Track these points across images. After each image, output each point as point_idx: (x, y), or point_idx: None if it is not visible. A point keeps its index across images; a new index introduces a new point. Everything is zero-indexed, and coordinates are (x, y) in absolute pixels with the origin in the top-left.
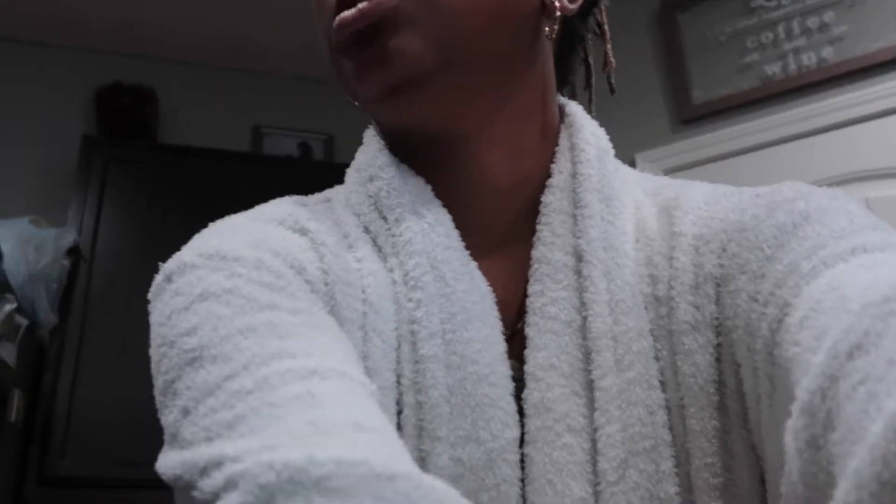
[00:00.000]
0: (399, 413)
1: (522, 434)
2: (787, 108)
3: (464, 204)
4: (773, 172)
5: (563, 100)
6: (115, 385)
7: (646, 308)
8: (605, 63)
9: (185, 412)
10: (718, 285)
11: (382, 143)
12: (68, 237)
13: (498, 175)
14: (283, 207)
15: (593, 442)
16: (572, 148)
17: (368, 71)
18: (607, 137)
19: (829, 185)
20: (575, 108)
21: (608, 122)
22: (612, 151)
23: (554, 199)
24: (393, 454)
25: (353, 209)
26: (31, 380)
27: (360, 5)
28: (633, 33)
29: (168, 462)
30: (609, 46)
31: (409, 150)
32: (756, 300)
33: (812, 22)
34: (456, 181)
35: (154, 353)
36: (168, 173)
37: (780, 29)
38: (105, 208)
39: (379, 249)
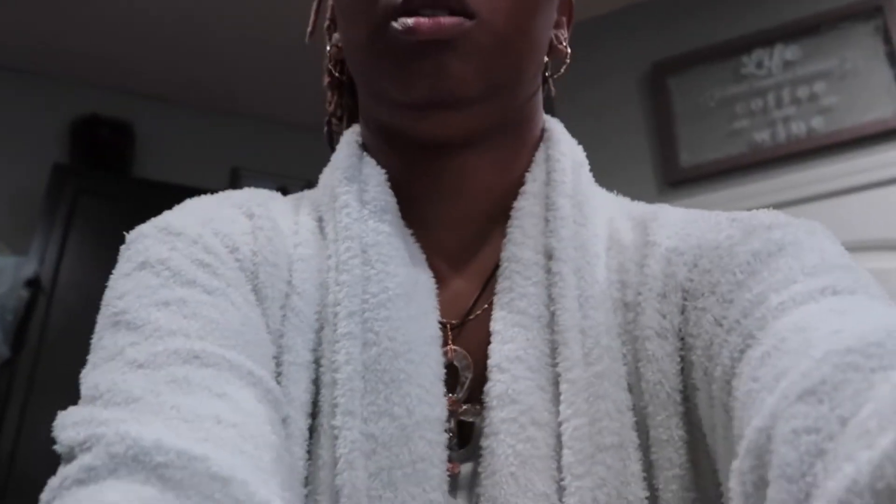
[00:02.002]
0: (318, 395)
1: (472, 422)
2: (776, 176)
3: (435, 203)
4: None
5: (545, 116)
6: None
7: (614, 312)
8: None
9: (92, 367)
10: (685, 298)
11: (359, 138)
12: (29, 267)
13: (480, 182)
14: (248, 193)
15: (558, 437)
16: (548, 158)
17: (421, 81)
18: (584, 153)
19: None
20: (554, 124)
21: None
22: (587, 165)
23: (527, 204)
24: (240, 456)
25: (313, 201)
26: None
27: (442, 19)
28: (623, 96)
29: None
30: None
31: (393, 147)
32: (721, 325)
33: (802, 91)
34: (437, 182)
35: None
36: (141, 208)
37: (770, 97)
38: (71, 240)
39: (324, 237)
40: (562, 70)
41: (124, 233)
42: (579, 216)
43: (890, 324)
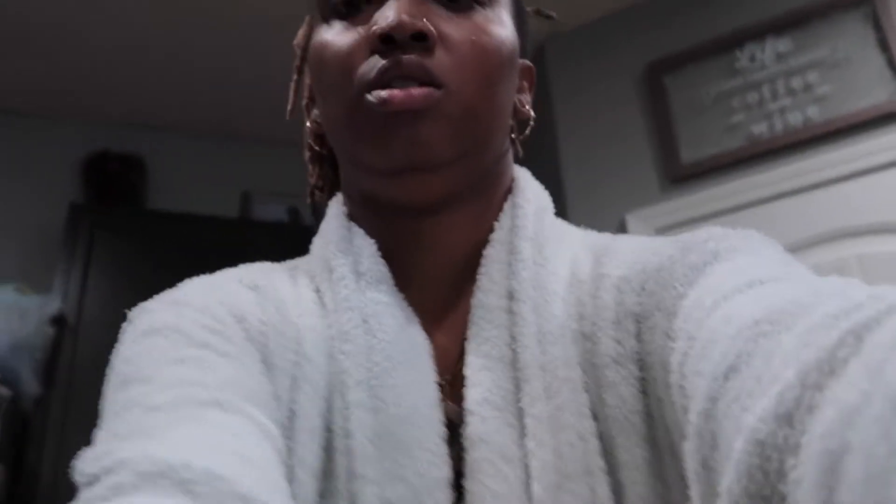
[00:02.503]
0: (331, 460)
1: (461, 469)
2: (776, 167)
3: (417, 264)
4: (764, 229)
5: (514, 166)
6: None
7: (574, 343)
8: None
9: (104, 426)
10: (638, 322)
11: (344, 208)
12: (53, 305)
13: (455, 240)
14: (247, 269)
15: (526, 468)
16: (514, 206)
17: (397, 148)
18: (549, 197)
19: (821, 241)
20: (521, 173)
21: (600, 184)
22: (552, 209)
23: (493, 252)
24: (262, 482)
25: (308, 273)
26: (14, 453)
27: (413, 90)
28: (621, 97)
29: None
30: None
31: (372, 213)
32: (669, 336)
33: (796, 82)
34: (415, 244)
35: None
36: (156, 240)
37: (765, 90)
38: (91, 275)
39: (324, 307)
40: (526, 132)
41: (142, 263)
42: (539, 257)
43: (795, 294)
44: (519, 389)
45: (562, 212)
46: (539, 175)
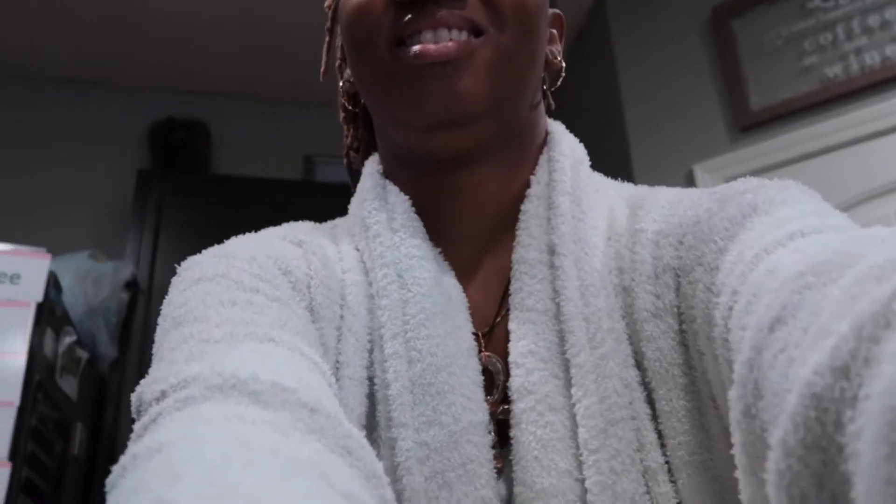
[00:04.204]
0: (373, 409)
1: (507, 418)
2: (851, 111)
3: (452, 217)
4: (837, 177)
5: (548, 120)
6: None
7: (615, 295)
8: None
9: (159, 360)
10: (678, 276)
11: (380, 167)
12: (126, 271)
13: (490, 193)
14: (290, 227)
15: (573, 418)
16: (549, 160)
17: (432, 102)
18: (584, 150)
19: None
20: (555, 127)
21: (665, 135)
22: (587, 161)
23: (531, 207)
24: (326, 398)
25: (348, 231)
26: (92, 413)
27: (448, 43)
28: (685, 43)
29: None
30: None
31: (407, 168)
32: (711, 290)
33: (873, 20)
34: (450, 198)
35: (155, 335)
36: (222, 204)
37: (840, 29)
38: (161, 241)
39: (364, 264)
40: (558, 83)
41: (210, 227)
42: (577, 211)
43: (839, 245)
44: (564, 341)
45: (627, 165)
46: (604, 129)
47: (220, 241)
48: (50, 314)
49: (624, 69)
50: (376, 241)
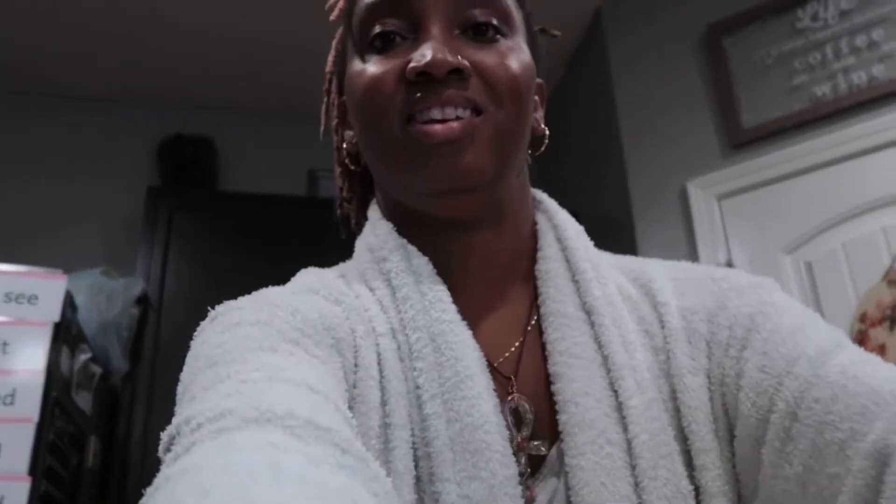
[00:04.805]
0: (417, 465)
1: (538, 454)
2: (840, 128)
3: (465, 274)
4: (828, 194)
5: (532, 189)
6: None
7: (648, 351)
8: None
9: (192, 398)
10: (710, 346)
11: (390, 225)
12: (137, 286)
13: (498, 251)
14: (318, 281)
15: (627, 451)
16: (554, 227)
17: (440, 175)
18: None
19: (891, 202)
20: (543, 196)
21: (660, 151)
22: (584, 231)
23: (551, 267)
24: (353, 440)
25: (367, 285)
26: (105, 426)
27: (454, 123)
28: (679, 60)
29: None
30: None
31: (417, 228)
32: (766, 372)
33: (861, 40)
34: (461, 256)
35: (182, 373)
36: (229, 219)
37: (829, 49)
38: (171, 256)
39: (391, 324)
40: (542, 148)
41: (217, 243)
42: (600, 277)
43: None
44: (613, 386)
45: (622, 180)
46: (600, 145)
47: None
48: (66, 333)
49: (620, 86)
50: (406, 304)
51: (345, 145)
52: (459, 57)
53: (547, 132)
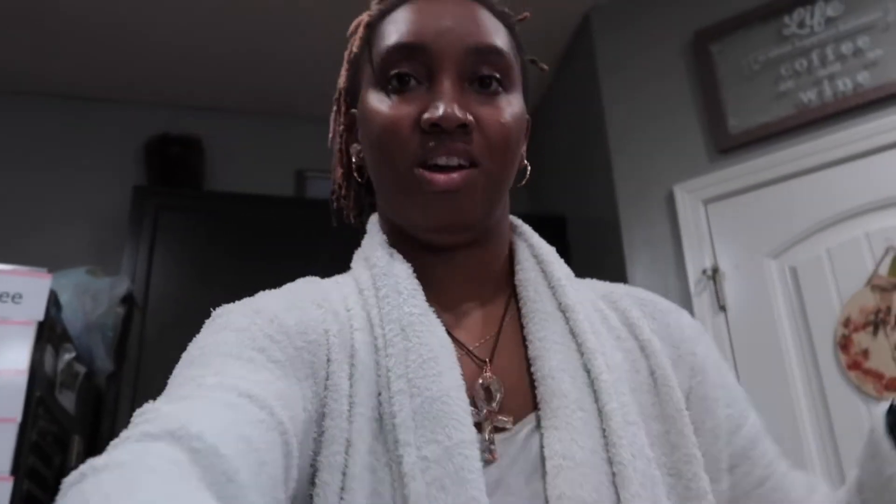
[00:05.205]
0: (382, 435)
1: (503, 426)
2: (825, 135)
3: (447, 284)
4: (814, 199)
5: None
6: None
7: (615, 341)
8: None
9: (167, 392)
10: (674, 363)
11: (383, 236)
12: (122, 286)
13: (476, 268)
14: (314, 286)
15: (599, 416)
16: (530, 246)
17: (440, 215)
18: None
19: (873, 209)
20: (519, 221)
21: (647, 155)
22: (556, 252)
23: (529, 276)
24: (251, 469)
25: (358, 286)
26: (90, 425)
27: (455, 175)
28: (667, 67)
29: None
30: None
31: (409, 244)
32: (724, 405)
33: (846, 48)
34: (446, 271)
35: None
36: (216, 219)
37: (815, 56)
38: (156, 256)
39: (370, 321)
40: (522, 182)
41: (204, 243)
42: (574, 285)
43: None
44: (587, 362)
45: (609, 184)
46: (586, 149)
47: (213, 257)
48: (50, 332)
49: (607, 91)
50: (385, 301)
51: (353, 158)
52: (467, 113)
53: (528, 166)
